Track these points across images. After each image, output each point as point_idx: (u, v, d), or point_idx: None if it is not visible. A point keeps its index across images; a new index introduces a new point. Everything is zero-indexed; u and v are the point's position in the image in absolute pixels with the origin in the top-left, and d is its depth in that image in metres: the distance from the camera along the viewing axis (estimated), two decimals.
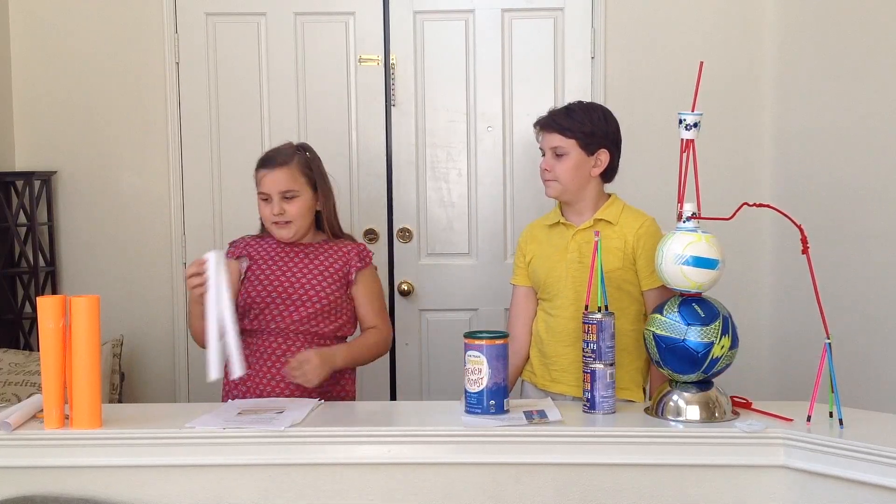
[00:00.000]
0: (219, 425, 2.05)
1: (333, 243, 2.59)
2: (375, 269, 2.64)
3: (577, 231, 2.45)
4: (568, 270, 2.45)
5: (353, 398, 2.60)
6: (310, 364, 2.34)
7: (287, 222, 2.51)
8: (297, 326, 2.48)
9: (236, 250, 2.61)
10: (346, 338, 2.59)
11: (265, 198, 2.52)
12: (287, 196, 2.50)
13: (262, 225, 2.61)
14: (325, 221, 2.58)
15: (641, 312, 2.44)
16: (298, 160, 2.54)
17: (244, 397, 2.46)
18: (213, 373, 2.16)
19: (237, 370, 2.16)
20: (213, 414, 2.16)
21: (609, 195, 2.51)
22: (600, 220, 2.44)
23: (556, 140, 2.43)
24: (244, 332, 2.47)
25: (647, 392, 2.48)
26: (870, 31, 3.02)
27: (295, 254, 2.56)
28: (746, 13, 3.48)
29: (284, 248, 2.57)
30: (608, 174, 2.48)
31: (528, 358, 2.57)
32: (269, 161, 2.53)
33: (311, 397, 2.33)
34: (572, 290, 2.43)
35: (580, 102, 2.53)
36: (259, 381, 2.49)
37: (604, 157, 2.44)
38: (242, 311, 2.51)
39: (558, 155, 2.43)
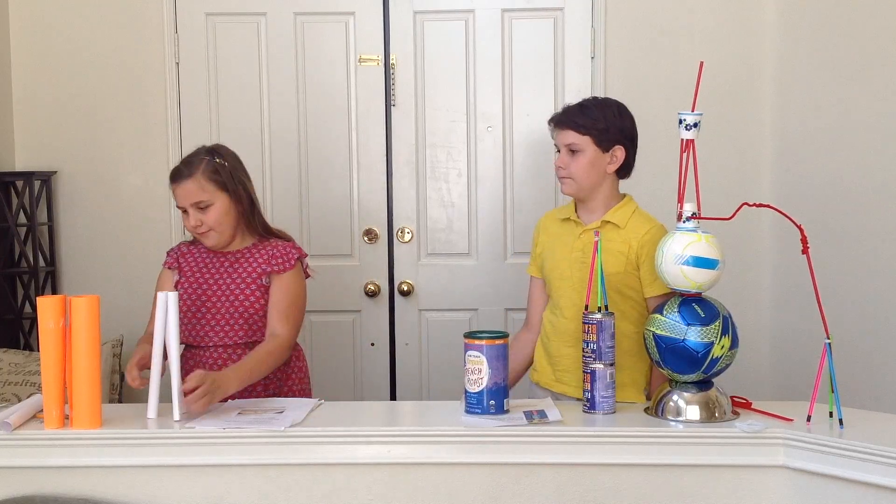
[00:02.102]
0: (219, 425, 2.05)
1: (261, 245, 2.54)
2: (303, 267, 2.56)
3: (584, 230, 2.42)
4: (571, 270, 2.43)
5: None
6: (212, 385, 2.16)
7: (208, 231, 2.48)
8: (233, 339, 2.48)
9: (170, 260, 2.61)
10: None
11: (183, 210, 2.50)
12: (200, 206, 2.46)
13: None
14: (246, 224, 2.53)
15: (644, 316, 2.40)
16: (205, 168, 2.47)
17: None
18: (151, 412, 2.14)
19: (176, 413, 2.11)
20: (213, 414, 2.16)
21: (623, 195, 2.48)
22: (608, 222, 2.41)
23: (571, 137, 2.39)
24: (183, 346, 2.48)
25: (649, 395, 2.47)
26: (870, 31, 3.02)
27: (220, 263, 2.54)
28: (746, 13, 3.48)
29: (212, 256, 2.55)
30: (624, 170, 2.45)
31: None
32: (175, 174, 2.49)
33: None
34: (575, 291, 2.40)
35: (594, 98, 2.50)
36: None
37: (619, 153, 2.41)
38: None
39: (573, 152, 2.40)
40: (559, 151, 2.44)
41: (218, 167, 2.49)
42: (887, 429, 1.97)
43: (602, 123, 2.38)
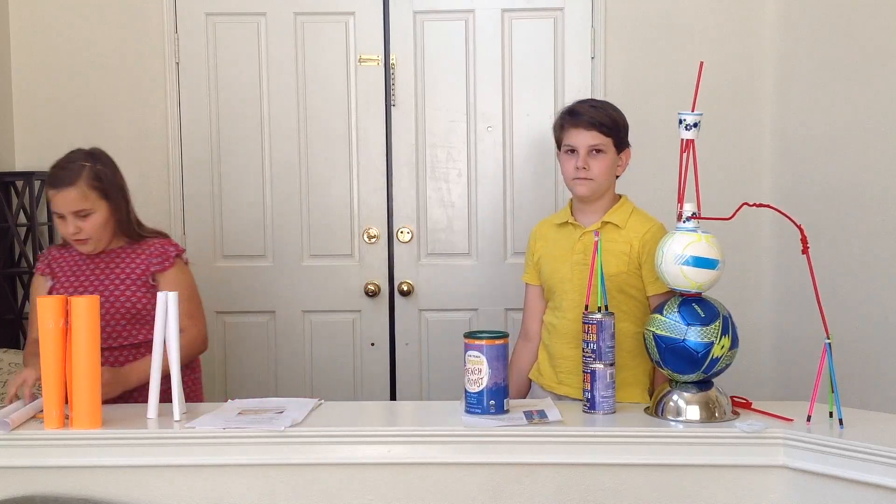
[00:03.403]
0: (219, 425, 2.06)
1: (137, 245, 2.54)
2: (186, 263, 2.57)
3: (585, 232, 2.42)
4: (573, 272, 2.43)
5: (200, 400, 2.58)
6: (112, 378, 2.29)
7: (86, 239, 2.47)
8: (115, 341, 2.47)
9: (41, 266, 2.60)
10: None
11: (60, 216, 2.47)
12: (81, 214, 2.45)
13: None
14: (122, 228, 2.53)
15: (647, 315, 2.40)
16: (87, 175, 2.45)
17: None
18: (151, 412, 2.14)
19: (176, 413, 2.13)
20: (213, 414, 2.16)
21: (619, 196, 2.48)
22: (608, 222, 2.41)
23: (597, 138, 2.38)
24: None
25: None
26: (870, 32, 3.02)
27: (96, 264, 2.53)
28: (746, 13, 3.48)
29: (86, 259, 2.54)
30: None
31: None
32: (57, 181, 2.46)
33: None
34: (577, 293, 2.39)
35: (594, 100, 2.52)
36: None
37: (625, 157, 2.44)
38: None
39: (596, 152, 2.39)
40: (572, 152, 2.41)
41: (100, 174, 2.49)
42: (887, 429, 1.97)
43: (619, 124, 2.41)
